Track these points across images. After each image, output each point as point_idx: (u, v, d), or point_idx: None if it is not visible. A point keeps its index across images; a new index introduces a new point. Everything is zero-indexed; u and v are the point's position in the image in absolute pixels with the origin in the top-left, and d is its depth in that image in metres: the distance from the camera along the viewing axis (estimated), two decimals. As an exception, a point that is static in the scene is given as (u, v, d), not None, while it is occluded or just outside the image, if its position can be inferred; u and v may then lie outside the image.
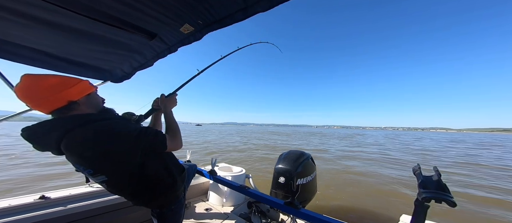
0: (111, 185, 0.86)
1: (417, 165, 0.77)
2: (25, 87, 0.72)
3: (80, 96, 0.81)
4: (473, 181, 6.13)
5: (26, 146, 11.60)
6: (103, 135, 0.75)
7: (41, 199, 1.35)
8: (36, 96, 0.73)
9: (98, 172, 0.79)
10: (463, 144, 23.38)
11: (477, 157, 11.49)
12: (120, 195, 0.95)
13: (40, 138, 0.76)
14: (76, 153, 0.76)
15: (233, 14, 0.93)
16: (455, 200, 0.60)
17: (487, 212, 3.89)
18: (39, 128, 0.75)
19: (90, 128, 0.76)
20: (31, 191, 3.70)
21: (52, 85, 0.74)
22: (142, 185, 0.90)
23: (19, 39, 1.12)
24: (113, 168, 0.80)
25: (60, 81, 0.76)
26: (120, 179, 0.84)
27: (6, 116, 1.46)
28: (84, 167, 0.78)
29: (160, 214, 1.05)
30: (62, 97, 0.76)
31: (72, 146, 0.75)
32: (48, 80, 0.74)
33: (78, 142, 0.75)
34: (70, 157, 0.79)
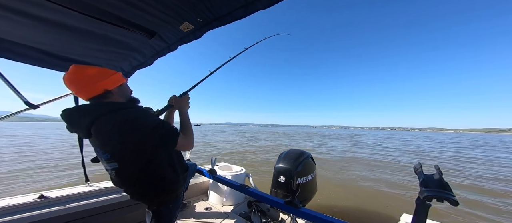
0: (120, 174, 0.89)
1: (418, 164, 0.77)
2: (71, 75, 0.81)
3: (114, 86, 0.89)
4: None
5: (29, 145, 11.50)
6: (127, 123, 0.81)
7: (40, 199, 1.34)
8: (79, 84, 0.83)
9: (113, 158, 0.85)
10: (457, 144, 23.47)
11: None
12: (124, 188, 0.96)
13: (74, 120, 0.86)
14: (102, 136, 0.84)
15: (233, 12, 0.92)
16: (457, 199, 0.59)
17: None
18: (76, 111, 0.87)
19: (118, 115, 0.83)
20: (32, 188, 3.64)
21: (91, 75, 0.83)
22: (147, 179, 0.92)
23: (18, 38, 1.11)
24: (127, 156, 0.85)
25: (98, 72, 0.85)
26: (129, 169, 0.88)
27: (3, 116, 1.44)
28: (103, 151, 0.85)
29: (156, 212, 1.04)
30: (99, 86, 0.84)
31: (100, 129, 0.83)
32: (89, 70, 0.83)
33: (106, 126, 0.81)
34: (95, 141, 0.87)
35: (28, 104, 1.39)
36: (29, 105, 1.40)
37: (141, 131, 0.82)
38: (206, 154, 9.13)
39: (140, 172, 0.89)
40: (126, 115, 0.83)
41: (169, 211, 1.07)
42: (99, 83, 0.83)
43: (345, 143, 19.02)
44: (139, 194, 0.98)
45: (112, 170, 0.88)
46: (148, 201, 1.03)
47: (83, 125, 0.83)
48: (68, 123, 0.86)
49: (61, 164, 6.67)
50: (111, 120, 0.81)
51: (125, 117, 0.82)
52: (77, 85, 0.83)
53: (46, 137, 18.45)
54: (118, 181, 0.93)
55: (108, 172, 0.91)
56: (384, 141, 24.72)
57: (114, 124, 0.80)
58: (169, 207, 1.06)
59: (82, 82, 0.82)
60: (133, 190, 0.97)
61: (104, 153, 0.85)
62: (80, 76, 0.82)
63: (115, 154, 0.84)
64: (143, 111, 0.95)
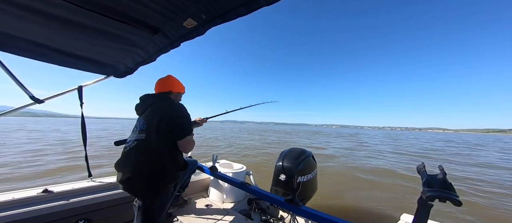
0: (138, 147, 1.09)
1: (421, 164, 0.76)
2: (165, 79, 1.36)
3: (175, 91, 1.38)
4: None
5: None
6: (173, 109, 1.19)
7: (44, 193, 1.36)
8: (165, 84, 1.34)
9: (147, 130, 1.11)
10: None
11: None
12: (125, 170, 1.06)
13: (142, 101, 1.27)
14: (151, 113, 1.16)
15: (236, 8, 0.91)
16: (460, 199, 0.59)
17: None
18: (147, 96, 1.29)
19: (168, 105, 1.21)
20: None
21: (172, 83, 1.36)
22: (155, 163, 1.08)
23: (23, 33, 1.11)
24: (156, 133, 1.09)
25: (177, 83, 1.38)
26: (147, 143, 1.09)
27: (8, 110, 1.46)
28: (144, 122, 1.15)
29: (142, 205, 1.08)
30: (167, 89, 1.34)
31: (156, 107, 1.19)
32: (170, 80, 1.37)
33: (159, 107, 1.18)
34: (145, 116, 1.18)
35: (34, 98, 1.40)
36: (35, 100, 1.41)
37: (174, 121, 1.14)
38: (230, 151, 8.95)
39: (153, 151, 1.09)
40: (173, 106, 1.21)
41: (156, 206, 1.10)
42: (171, 87, 1.34)
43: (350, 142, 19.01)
44: (136, 179, 1.05)
45: (136, 140, 1.11)
46: (141, 190, 1.06)
47: (146, 105, 1.23)
48: (140, 102, 1.27)
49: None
50: (162, 106, 1.19)
51: (171, 108, 1.19)
52: (163, 84, 1.34)
53: (67, 131, 19.65)
54: (131, 155, 1.09)
55: (127, 145, 1.13)
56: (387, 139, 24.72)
57: (162, 108, 1.17)
58: (155, 201, 1.09)
59: (167, 84, 1.34)
60: (132, 172, 1.05)
61: (144, 124, 1.14)
62: (169, 81, 1.36)
63: (150, 128, 1.11)
64: (184, 109, 1.27)
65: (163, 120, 1.10)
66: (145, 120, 1.15)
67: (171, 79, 1.36)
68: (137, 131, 1.14)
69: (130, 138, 1.17)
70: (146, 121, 1.14)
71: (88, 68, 1.61)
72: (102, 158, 7.01)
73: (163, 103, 1.20)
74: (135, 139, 1.11)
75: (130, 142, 1.12)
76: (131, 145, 1.11)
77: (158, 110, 1.16)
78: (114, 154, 7.65)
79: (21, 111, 1.56)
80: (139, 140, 1.10)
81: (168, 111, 1.15)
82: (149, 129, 1.10)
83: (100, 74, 1.75)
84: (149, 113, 1.17)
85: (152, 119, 1.12)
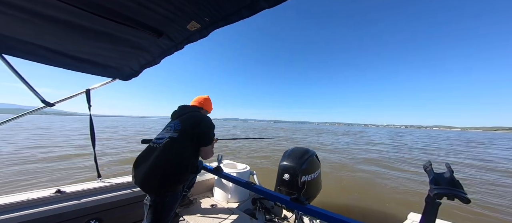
0: (168, 144, 1.21)
1: (428, 162, 0.76)
2: (202, 98, 1.67)
3: (205, 109, 1.66)
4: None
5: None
6: (203, 121, 1.38)
7: (57, 193, 1.40)
8: (199, 102, 1.63)
9: (181, 130, 1.27)
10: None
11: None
12: (143, 167, 1.13)
13: (181, 109, 1.52)
14: (190, 118, 1.38)
15: (239, 11, 0.92)
16: (469, 197, 0.59)
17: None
18: (185, 106, 1.57)
19: (202, 116, 1.44)
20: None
21: (205, 102, 1.65)
22: (174, 158, 1.18)
23: (30, 37, 1.14)
24: (187, 133, 1.27)
25: (208, 103, 1.68)
26: (177, 142, 1.22)
27: (29, 111, 1.52)
28: (181, 123, 1.33)
29: (153, 203, 1.12)
30: (200, 105, 1.63)
31: (193, 115, 1.42)
32: (207, 101, 1.68)
33: (195, 115, 1.43)
34: (181, 119, 1.36)
35: (45, 102, 1.45)
36: (46, 103, 1.46)
37: (208, 129, 1.37)
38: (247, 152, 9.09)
39: (180, 149, 1.22)
40: (207, 118, 1.43)
41: (166, 204, 1.14)
42: (205, 105, 1.64)
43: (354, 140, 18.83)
44: (154, 174, 1.10)
45: (168, 138, 1.23)
46: (155, 187, 1.10)
47: (184, 112, 1.46)
48: (178, 109, 1.51)
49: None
50: (199, 115, 1.43)
51: (205, 118, 1.41)
52: (201, 101, 1.64)
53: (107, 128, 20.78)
54: (159, 151, 1.18)
55: (158, 141, 1.25)
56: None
57: (199, 117, 1.41)
58: (166, 199, 1.13)
59: (203, 103, 1.64)
60: (152, 168, 1.11)
61: (179, 125, 1.31)
62: (205, 101, 1.65)
63: (185, 128, 1.29)
64: (213, 123, 1.44)
65: (198, 126, 1.31)
66: (181, 122, 1.31)
67: (208, 100, 1.67)
68: (171, 130, 1.28)
69: (162, 135, 1.28)
70: (182, 123, 1.30)
71: (95, 71, 1.65)
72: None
73: (199, 113, 1.47)
74: (169, 137, 1.24)
75: (163, 139, 1.23)
76: (162, 142, 1.22)
77: (196, 117, 1.38)
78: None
79: (39, 111, 1.62)
80: (172, 138, 1.23)
81: (203, 121, 1.36)
82: (183, 130, 1.27)
83: (107, 77, 1.79)
84: (186, 118, 1.37)
85: (188, 122, 1.32)
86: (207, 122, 1.39)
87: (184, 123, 1.31)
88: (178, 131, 1.26)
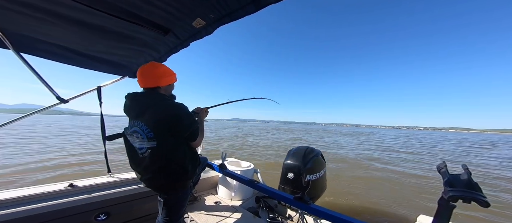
0: (155, 152, 1.03)
1: (442, 163, 0.71)
2: (147, 68, 1.08)
3: (165, 84, 1.13)
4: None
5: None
6: (175, 115, 1.04)
7: (70, 187, 1.47)
8: (148, 75, 1.08)
9: (155, 137, 1.01)
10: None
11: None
12: (146, 172, 1.08)
13: (135, 102, 1.08)
14: (154, 118, 1.01)
15: (245, 6, 0.92)
16: (488, 200, 0.55)
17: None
18: (138, 96, 1.09)
19: (169, 106, 1.05)
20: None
21: (155, 75, 1.09)
22: (170, 163, 1.06)
23: (44, 36, 1.20)
24: (166, 137, 1.02)
25: (164, 72, 1.11)
26: (162, 150, 1.03)
27: (39, 109, 1.60)
28: (150, 129, 1.01)
29: (166, 200, 1.14)
30: (156, 82, 1.09)
31: (155, 112, 1.02)
32: (159, 68, 1.11)
33: (159, 113, 1.02)
34: (145, 121, 1.03)
35: (60, 99, 1.52)
36: (60, 100, 1.53)
37: (183, 123, 1.07)
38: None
39: (170, 153, 1.05)
40: (175, 107, 1.06)
41: (178, 200, 1.17)
42: (159, 79, 1.09)
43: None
44: (158, 178, 1.08)
45: (148, 149, 1.03)
46: (163, 187, 1.12)
47: (141, 107, 1.05)
48: (131, 103, 1.08)
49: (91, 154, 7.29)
50: (164, 109, 1.03)
51: (175, 109, 1.06)
52: (149, 76, 1.08)
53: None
54: (149, 160, 1.04)
55: (140, 152, 1.05)
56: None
57: (167, 111, 1.03)
58: (178, 196, 1.15)
59: (153, 76, 1.08)
60: (154, 173, 1.07)
61: (150, 132, 1.01)
62: (155, 72, 1.09)
63: (159, 133, 1.01)
64: (186, 108, 1.14)
65: (173, 127, 1.03)
66: (149, 127, 1.01)
67: (156, 69, 1.09)
68: (144, 138, 1.01)
69: (137, 145, 1.05)
70: (152, 128, 1.01)
71: (105, 69, 1.71)
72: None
73: (162, 105, 1.03)
74: (147, 148, 1.02)
75: (143, 150, 1.04)
76: (144, 153, 1.04)
77: (162, 115, 1.02)
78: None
79: (49, 110, 1.70)
80: (152, 148, 1.01)
81: (174, 118, 1.03)
82: (159, 136, 1.01)
83: (116, 75, 1.85)
84: (151, 119, 1.01)
85: (158, 126, 1.01)
86: (180, 115, 1.05)
87: (154, 127, 1.00)
88: (154, 138, 1.00)
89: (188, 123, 1.09)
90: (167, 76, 1.13)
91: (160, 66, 1.12)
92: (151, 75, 1.08)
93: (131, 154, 1.12)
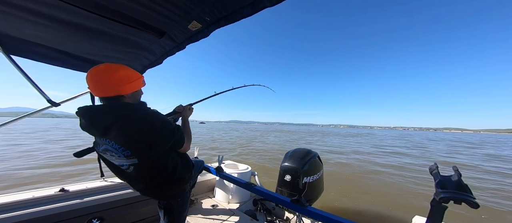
0: (139, 168, 0.91)
1: (434, 164, 0.73)
2: (98, 73, 0.82)
3: (130, 91, 0.90)
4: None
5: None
6: (150, 124, 0.86)
7: (61, 192, 1.43)
8: (103, 83, 0.83)
9: (133, 154, 0.85)
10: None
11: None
12: (137, 184, 1.02)
13: (95, 118, 0.85)
14: (125, 135, 0.83)
15: (241, 9, 0.92)
16: (477, 201, 0.57)
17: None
18: (97, 110, 0.85)
19: (141, 117, 0.85)
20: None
21: (118, 79, 0.84)
22: (162, 173, 0.98)
23: (37, 38, 1.17)
24: (146, 153, 0.87)
25: (125, 76, 0.87)
26: (147, 164, 0.91)
27: (29, 112, 1.56)
28: (124, 148, 0.84)
29: (167, 206, 1.11)
30: (116, 90, 0.86)
31: (124, 128, 0.82)
32: (118, 73, 0.85)
33: (130, 126, 0.83)
34: (114, 139, 0.84)
35: (51, 102, 1.49)
36: (52, 103, 1.50)
37: (164, 130, 0.90)
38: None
39: (157, 167, 0.95)
40: (148, 120, 0.86)
41: (179, 204, 1.14)
42: (119, 87, 0.85)
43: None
44: (152, 188, 1.04)
45: (131, 165, 0.89)
46: (160, 196, 1.09)
47: (103, 123, 0.83)
48: (87, 121, 0.84)
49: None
50: (134, 123, 0.83)
51: (148, 122, 0.86)
52: (99, 83, 0.83)
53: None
54: (135, 175, 0.94)
55: (122, 168, 0.91)
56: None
57: (138, 124, 0.83)
58: (178, 200, 1.12)
59: (106, 82, 0.83)
60: (145, 186, 1.02)
61: (125, 150, 0.84)
62: (106, 76, 0.83)
63: (137, 150, 0.85)
64: (161, 115, 0.96)
65: (153, 143, 0.86)
66: (121, 145, 0.83)
67: (115, 73, 0.84)
68: (120, 157, 0.86)
69: (116, 162, 0.90)
70: (127, 147, 0.84)
71: None
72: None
73: (131, 119, 0.83)
74: (128, 164, 0.88)
75: (124, 167, 0.90)
76: (128, 169, 0.90)
77: (132, 131, 0.82)
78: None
79: (42, 113, 1.66)
80: (135, 164, 0.88)
81: (150, 134, 0.84)
82: (138, 154, 0.86)
83: None
84: (120, 137, 0.83)
85: (131, 145, 0.84)
86: (155, 128, 0.86)
87: (129, 146, 0.83)
88: (132, 156, 0.85)
89: (168, 135, 0.91)
90: (130, 82, 0.88)
91: (120, 69, 0.85)
92: (107, 82, 0.83)
93: (113, 169, 0.97)
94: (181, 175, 1.06)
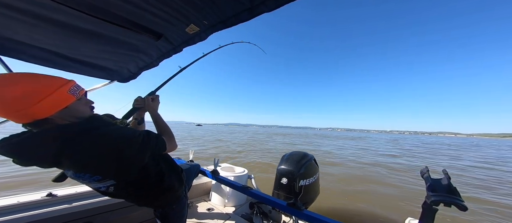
0: (119, 188, 0.83)
1: (425, 168, 0.76)
2: (8, 99, 0.56)
3: (53, 111, 0.64)
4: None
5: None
6: (107, 144, 0.69)
7: (49, 197, 1.38)
8: (17, 111, 0.58)
9: (106, 177, 0.76)
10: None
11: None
12: (125, 198, 0.96)
13: (30, 150, 0.61)
14: (82, 162, 0.68)
15: (239, 14, 0.93)
16: (466, 204, 0.59)
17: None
18: (28, 139, 0.60)
19: (89, 143, 0.67)
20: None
21: (15, 99, 0.56)
22: (146, 188, 0.92)
23: (28, 39, 1.15)
24: (121, 172, 0.77)
25: (24, 95, 0.57)
26: (127, 182, 0.84)
27: None
28: (90, 174, 0.72)
29: (163, 214, 1.07)
30: (27, 115, 0.60)
31: (77, 155, 0.66)
32: (12, 91, 0.56)
33: (85, 150, 0.66)
34: (73, 167, 0.70)
35: None
36: None
37: (130, 154, 0.73)
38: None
39: (140, 182, 0.87)
40: (102, 142, 0.68)
41: (174, 212, 1.09)
42: (27, 110, 0.58)
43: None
44: (142, 200, 1.00)
45: (110, 186, 0.80)
46: (152, 205, 1.05)
47: (47, 153, 0.62)
48: (17, 156, 0.59)
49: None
50: (84, 152, 0.66)
51: (104, 145, 0.68)
52: (19, 106, 0.57)
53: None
54: (118, 193, 0.88)
55: (101, 190, 0.83)
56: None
57: (92, 157, 0.67)
58: (173, 208, 1.07)
59: (28, 104, 0.57)
60: (136, 198, 0.97)
61: (92, 176, 0.72)
62: (28, 99, 0.57)
63: (106, 172, 0.74)
64: (117, 131, 0.76)
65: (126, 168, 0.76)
66: (88, 173, 0.71)
67: (6, 92, 0.56)
68: (93, 182, 0.76)
69: (92, 186, 0.81)
70: (93, 173, 0.72)
71: (94, 73, 1.66)
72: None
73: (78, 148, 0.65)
74: (107, 186, 0.79)
75: (103, 188, 0.81)
76: (108, 190, 0.82)
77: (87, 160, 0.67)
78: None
79: None
80: (113, 185, 0.80)
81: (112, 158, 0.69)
82: (112, 176, 0.76)
83: (105, 79, 1.80)
84: (75, 166, 0.69)
85: (100, 171, 0.72)
86: (117, 149, 0.69)
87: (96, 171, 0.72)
88: (106, 179, 0.76)
89: (137, 148, 0.74)
90: (40, 100, 0.59)
91: (18, 82, 0.57)
92: (5, 107, 0.57)
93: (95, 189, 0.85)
94: (170, 183, 0.99)
